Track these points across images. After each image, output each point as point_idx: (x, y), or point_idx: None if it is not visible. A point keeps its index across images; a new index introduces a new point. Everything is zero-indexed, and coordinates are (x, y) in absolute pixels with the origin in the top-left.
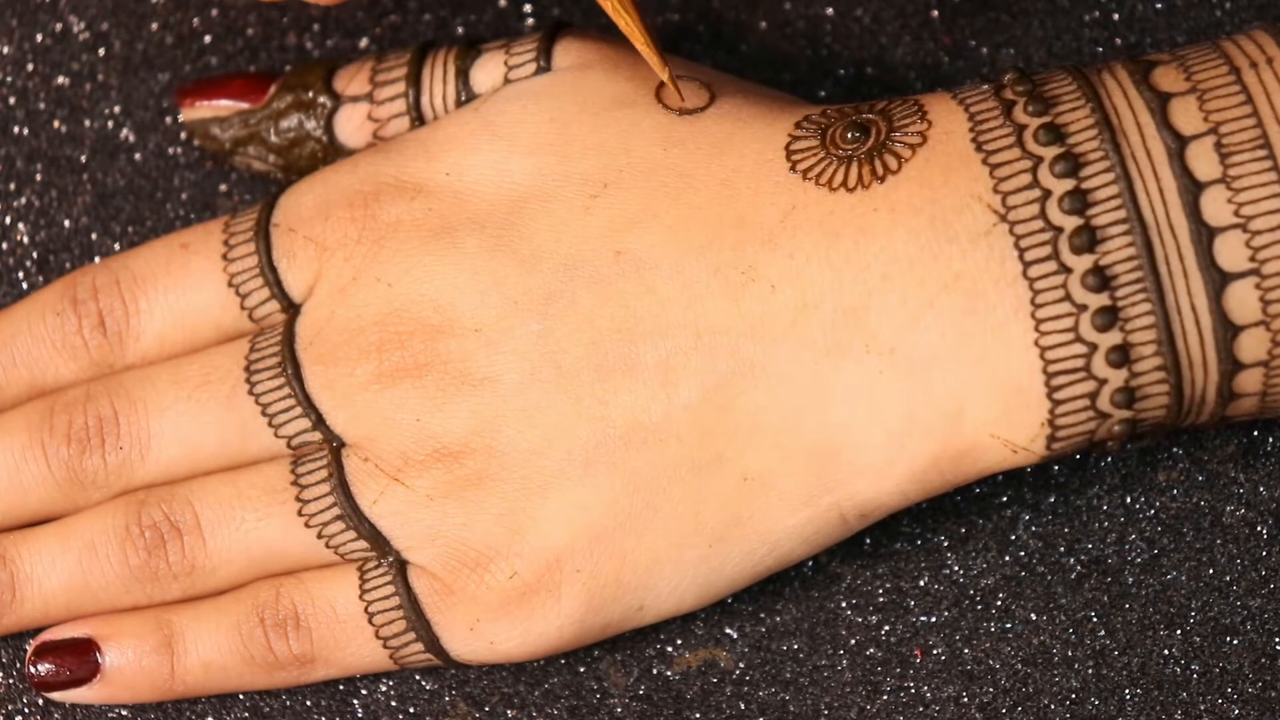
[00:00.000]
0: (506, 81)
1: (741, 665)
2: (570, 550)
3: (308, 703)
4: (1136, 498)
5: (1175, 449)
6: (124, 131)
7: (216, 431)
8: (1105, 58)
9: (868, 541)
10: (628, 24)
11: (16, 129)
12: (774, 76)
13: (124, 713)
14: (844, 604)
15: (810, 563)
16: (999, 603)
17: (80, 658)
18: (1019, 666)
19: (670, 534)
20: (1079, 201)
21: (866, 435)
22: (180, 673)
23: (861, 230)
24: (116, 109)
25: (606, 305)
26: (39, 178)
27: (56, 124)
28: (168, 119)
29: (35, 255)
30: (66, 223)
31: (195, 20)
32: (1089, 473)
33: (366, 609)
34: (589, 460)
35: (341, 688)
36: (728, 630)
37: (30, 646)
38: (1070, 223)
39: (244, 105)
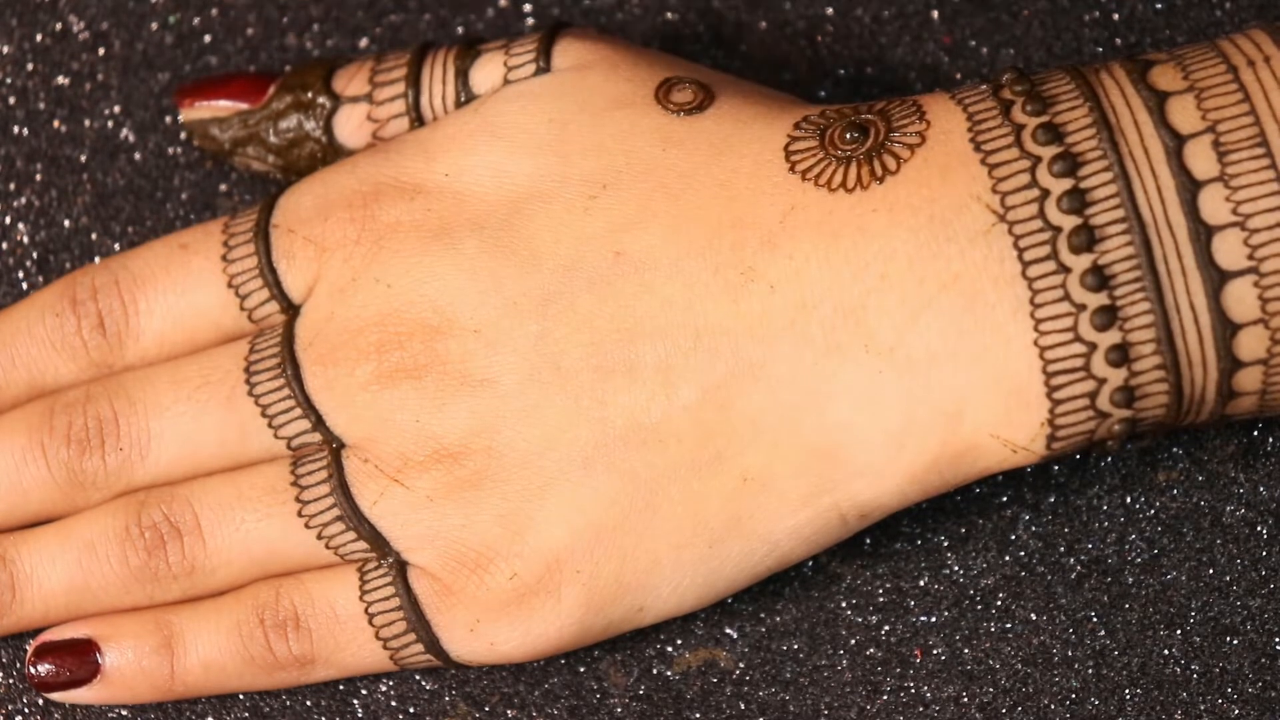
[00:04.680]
0: (506, 82)
1: (741, 665)
2: (570, 551)
3: (308, 703)
4: (1136, 498)
5: (1175, 449)
6: (124, 131)
7: (216, 432)
8: (1105, 58)
9: (868, 541)
10: None
11: (16, 129)
12: (774, 76)
13: (124, 713)
14: (844, 604)
15: (810, 563)
16: (999, 603)
17: (80, 658)
18: (1019, 666)
19: (670, 534)
20: (1077, 201)
21: (866, 435)
22: (180, 673)
23: (860, 230)
24: (116, 109)
25: (606, 306)
26: (39, 178)
27: (56, 124)
28: (168, 119)
29: (35, 255)
30: (66, 223)
31: (195, 20)
32: (1089, 473)
33: (366, 610)
34: (588, 461)
35: (341, 688)
36: (728, 630)
37: (30, 647)
38: (1069, 222)
39: (243, 105)
